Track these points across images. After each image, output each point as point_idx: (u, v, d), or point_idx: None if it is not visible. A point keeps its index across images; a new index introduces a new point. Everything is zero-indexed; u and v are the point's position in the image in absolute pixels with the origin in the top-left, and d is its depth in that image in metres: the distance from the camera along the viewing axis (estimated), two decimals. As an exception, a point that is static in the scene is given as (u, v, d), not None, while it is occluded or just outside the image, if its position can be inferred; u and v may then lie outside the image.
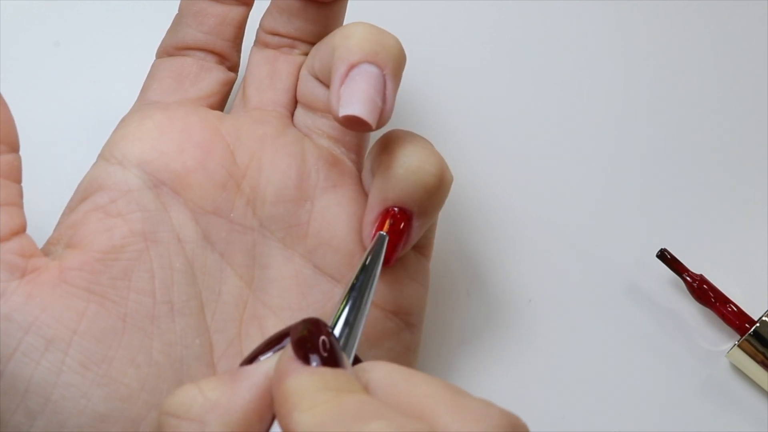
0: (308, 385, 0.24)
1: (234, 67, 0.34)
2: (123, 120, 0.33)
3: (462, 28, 0.43)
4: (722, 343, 0.39)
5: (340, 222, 0.32)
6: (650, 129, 0.42)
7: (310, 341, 0.25)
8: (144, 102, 0.33)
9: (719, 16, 0.44)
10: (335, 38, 0.31)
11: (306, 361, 0.24)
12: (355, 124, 0.29)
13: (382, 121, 0.29)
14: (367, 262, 0.29)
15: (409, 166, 0.29)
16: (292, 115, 0.34)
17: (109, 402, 0.27)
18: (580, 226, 0.40)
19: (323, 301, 0.32)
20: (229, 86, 0.34)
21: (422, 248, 0.33)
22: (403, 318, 0.32)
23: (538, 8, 0.43)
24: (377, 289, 0.31)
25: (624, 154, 0.42)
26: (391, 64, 0.30)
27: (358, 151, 0.33)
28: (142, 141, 0.31)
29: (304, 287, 0.31)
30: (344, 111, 0.29)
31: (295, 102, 0.34)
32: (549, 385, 0.39)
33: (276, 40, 0.34)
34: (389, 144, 0.30)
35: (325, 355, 0.25)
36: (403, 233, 0.30)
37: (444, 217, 0.40)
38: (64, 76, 0.35)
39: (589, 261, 0.40)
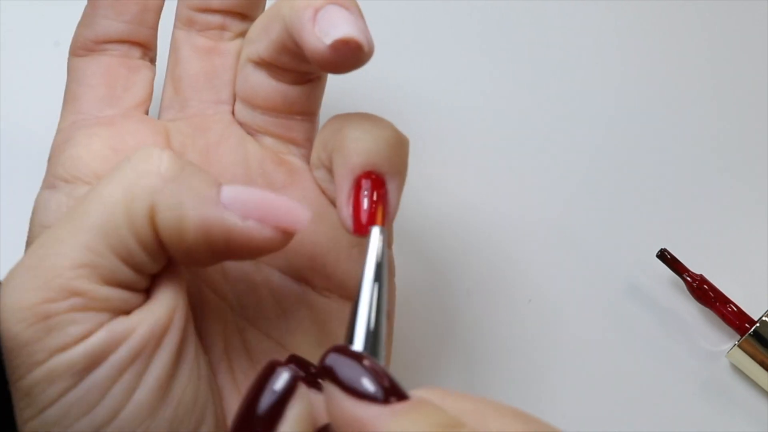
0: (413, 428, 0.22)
1: (154, 58, 0.33)
2: (62, 141, 0.31)
3: (463, 29, 0.43)
4: (722, 343, 0.39)
5: None
6: (650, 129, 0.42)
7: (363, 373, 0.23)
8: (77, 113, 0.31)
9: (719, 16, 0.44)
10: (281, 5, 0.29)
11: (374, 398, 0.22)
12: (344, 53, 0.27)
13: (370, 47, 0.27)
14: (367, 263, 0.26)
15: (364, 128, 0.28)
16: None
17: (170, 424, 0.26)
18: (580, 226, 0.40)
19: (297, 305, 0.31)
20: (153, 83, 0.33)
21: None
22: None
23: (540, 8, 0.43)
24: (347, 284, 0.30)
25: (624, 155, 0.42)
26: (354, 4, 0.28)
27: (306, 145, 0.32)
28: (95, 162, 0.30)
29: (275, 294, 0.31)
30: (331, 37, 0.26)
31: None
32: (549, 385, 0.39)
33: (204, 18, 0.32)
34: (336, 123, 0.29)
35: (388, 385, 0.23)
36: (382, 197, 0.28)
37: (445, 218, 0.40)
38: (64, 76, 0.35)
39: (589, 261, 0.40)
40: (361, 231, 0.27)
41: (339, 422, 0.23)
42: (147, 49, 0.32)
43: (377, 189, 0.27)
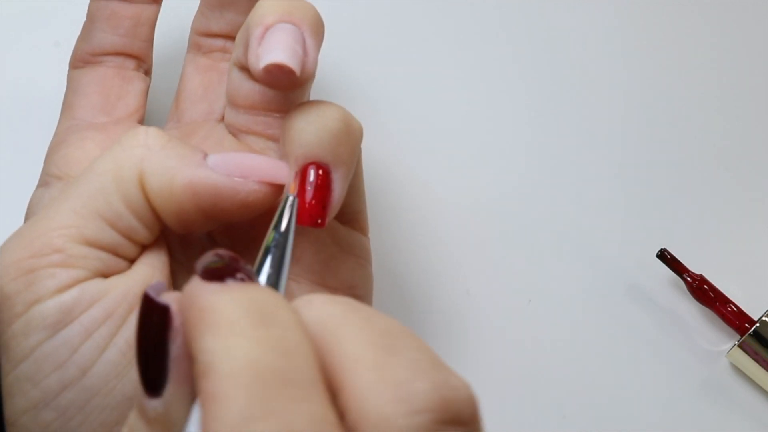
0: (231, 305, 0.21)
1: (149, 71, 0.35)
2: (57, 143, 0.33)
3: (462, 30, 0.43)
4: (722, 343, 0.39)
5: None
6: (650, 129, 0.42)
7: (225, 270, 0.22)
8: (72, 119, 0.34)
9: (718, 16, 0.44)
10: (249, 15, 0.30)
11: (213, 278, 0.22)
12: (278, 76, 0.29)
13: (306, 71, 0.29)
14: (273, 225, 0.27)
15: (309, 119, 0.28)
16: None
17: (137, 387, 0.26)
18: (580, 226, 0.40)
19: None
20: (147, 93, 0.35)
21: (352, 222, 0.32)
22: (347, 293, 0.32)
23: (541, 8, 0.43)
24: (316, 269, 0.31)
25: (624, 155, 0.42)
26: (307, 22, 0.29)
27: None
28: (87, 161, 0.31)
29: None
30: (264, 61, 0.28)
31: None
32: (549, 385, 0.39)
33: (208, 42, 0.35)
34: (289, 113, 0.30)
35: (242, 278, 0.22)
36: (325, 188, 0.29)
37: (444, 218, 0.40)
38: (64, 76, 0.35)
39: (589, 261, 0.40)
40: (305, 222, 0.28)
41: (182, 300, 0.22)
42: (141, 61, 0.35)
43: (320, 179, 0.28)
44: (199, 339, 0.21)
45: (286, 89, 0.30)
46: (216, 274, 0.22)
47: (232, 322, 0.20)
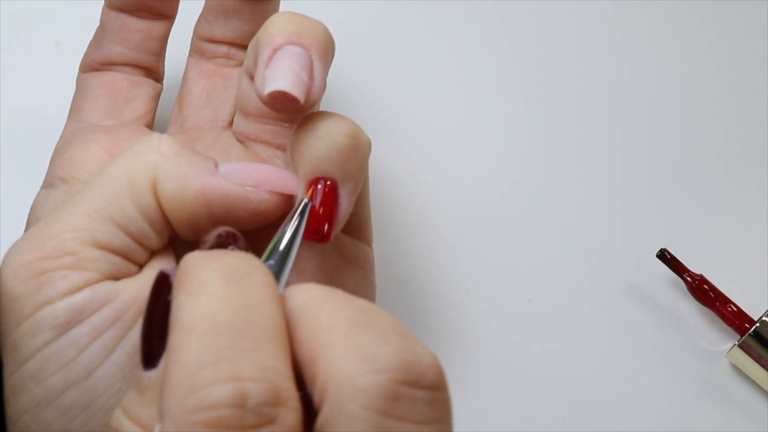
0: (206, 267, 0.23)
1: (160, 78, 0.35)
2: (63, 145, 0.33)
3: (462, 31, 0.43)
4: (722, 343, 0.39)
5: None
6: (650, 129, 0.42)
7: (220, 244, 0.25)
8: (79, 122, 0.33)
9: (719, 16, 0.44)
10: (260, 30, 0.30)
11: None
12: (282, 102, 0.28)
13: (311, 98, 0.29)
14: (286, 227, 0.28)
15: (317, 134, 0.28)
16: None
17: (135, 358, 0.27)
18: (580, 226, 0.40)
19: None
20: (158, 98, 0.35)
21: (356, 232, 0.33)
22: None
23: (541, 9, 0.43)
24: (320, 280, 0.31)
25: (624, 155, 0.42)
26: (316, 44, 0.29)
27: None
28: (92, 163, 0.31)
29: None
30: (269, 88, 0.28)
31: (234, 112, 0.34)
32: (549, 385, 0.39)
33: (212, 48, 0.34)
34: (298, 125, 0.29)
35: (232, 249, 0.25)
36: (332, 203, 0.29)
37: (444, 218, 0.40)
38: (64, 76, 0.35)
39: (589, 261, 0.40)
40: (310, 237, 0.28)
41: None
42: (150, 72, 0.35)
43: (327, 195, 0.28)
44: (175, 298, 0.23)
45: (290, 114, 0.30)
46: (212, 248, 0.24)
47: (202, 281, 0.23)
